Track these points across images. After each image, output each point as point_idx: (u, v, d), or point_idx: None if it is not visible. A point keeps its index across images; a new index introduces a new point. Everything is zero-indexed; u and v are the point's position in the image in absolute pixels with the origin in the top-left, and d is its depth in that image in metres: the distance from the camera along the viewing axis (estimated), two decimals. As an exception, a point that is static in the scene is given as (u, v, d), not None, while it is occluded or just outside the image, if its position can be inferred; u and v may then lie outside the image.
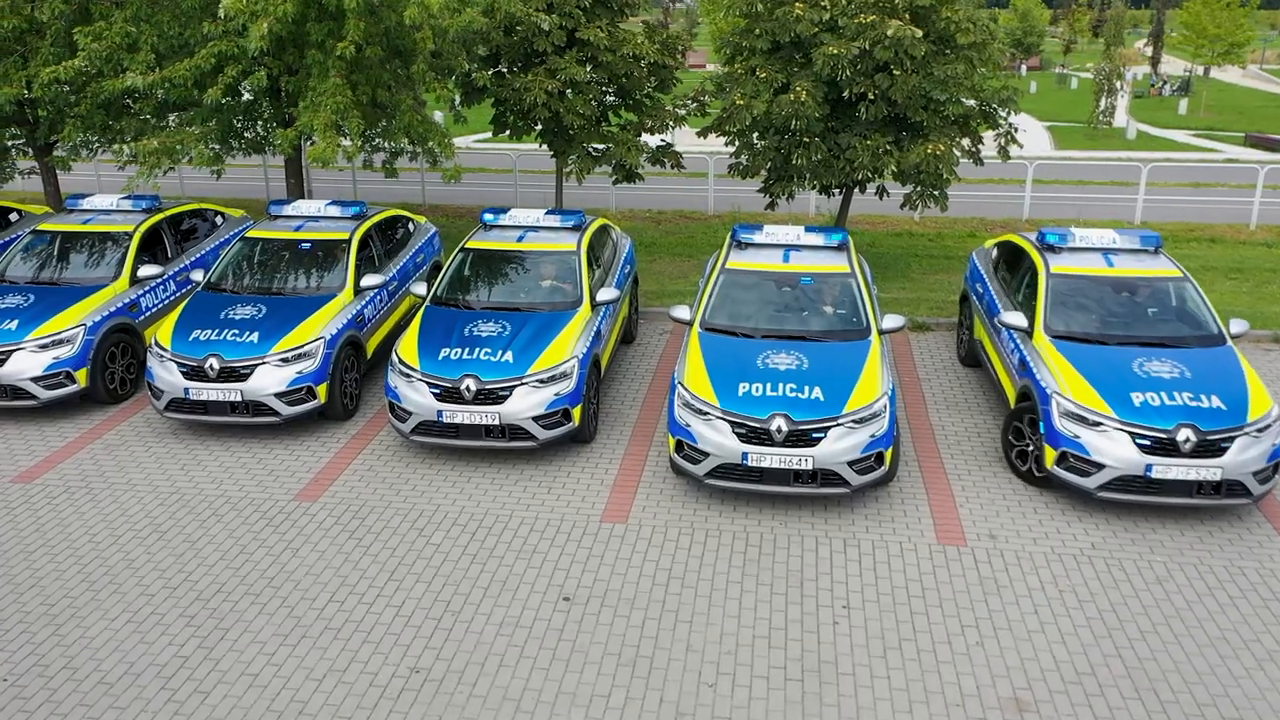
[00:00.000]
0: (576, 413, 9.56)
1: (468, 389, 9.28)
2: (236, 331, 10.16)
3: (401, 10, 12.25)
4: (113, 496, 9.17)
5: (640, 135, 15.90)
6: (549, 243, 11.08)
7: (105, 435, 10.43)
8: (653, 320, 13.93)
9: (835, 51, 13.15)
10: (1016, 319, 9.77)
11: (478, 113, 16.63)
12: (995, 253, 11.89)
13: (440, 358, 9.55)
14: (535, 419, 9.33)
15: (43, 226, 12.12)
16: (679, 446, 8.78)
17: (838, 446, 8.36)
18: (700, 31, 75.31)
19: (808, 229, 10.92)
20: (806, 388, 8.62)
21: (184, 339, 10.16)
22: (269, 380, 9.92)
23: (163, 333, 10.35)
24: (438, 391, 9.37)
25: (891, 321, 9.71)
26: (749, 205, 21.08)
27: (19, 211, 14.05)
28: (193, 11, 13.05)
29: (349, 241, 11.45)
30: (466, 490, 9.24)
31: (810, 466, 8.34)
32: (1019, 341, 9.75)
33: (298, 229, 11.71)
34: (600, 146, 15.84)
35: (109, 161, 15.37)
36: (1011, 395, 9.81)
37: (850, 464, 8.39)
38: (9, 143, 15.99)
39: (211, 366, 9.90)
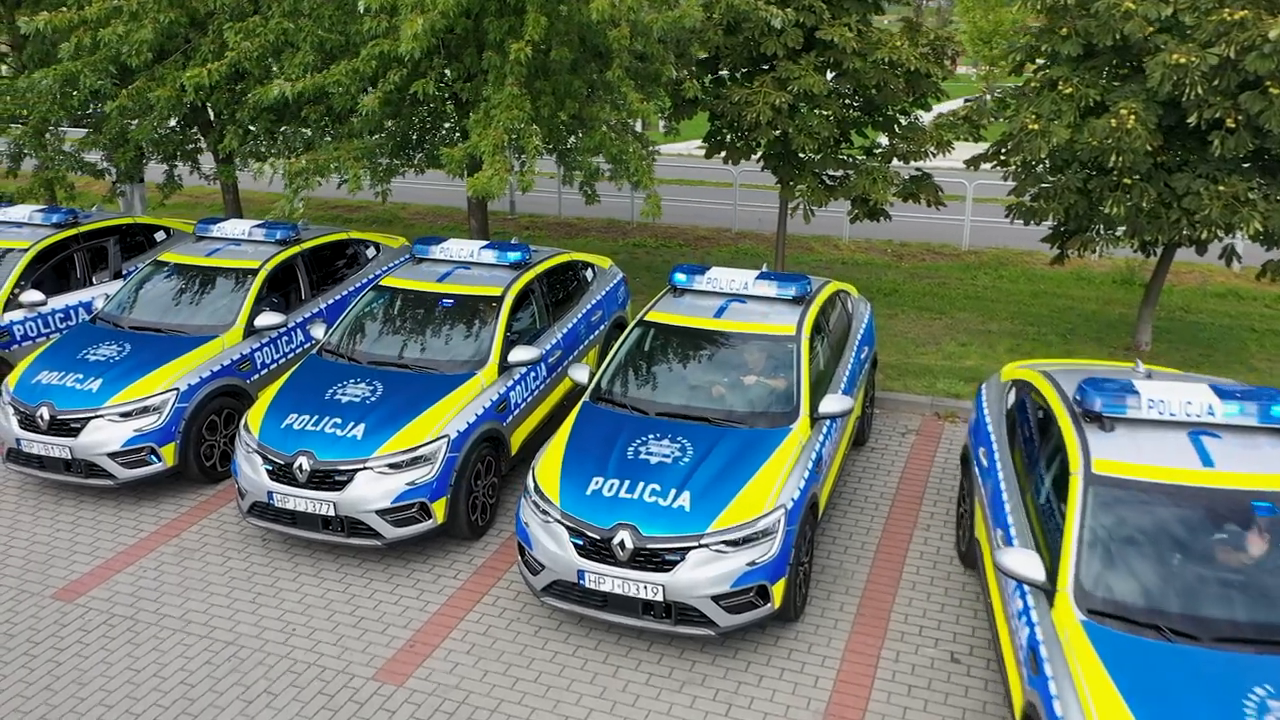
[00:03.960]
0: (777, 590, 6.50)
1: (621, 546, 6.42)
2: (339, 421, 7.75)
3: (590, 2, 9.53)
4: (156, 639, 6.94)
5: (890, 161, 12.53)
6: (759, 321, 8.02)
7: (184, 533, 8.32)
8: (892, 411, 10.59)
9: (1181, 61, 9.35)
10: None
11: (698, 119, 13.75)
12: None
13: (589, 491, 6.73)
14: (716, 599, 6.35)
15: (164, 257, 10.27)
16: None
17: None
18: (954, 31, 69.47)
19: (1221, 394, 5.98)
20: None
21: (276, 425, 7.86)
22: (370, 492, 7.45)
23: (255, 412, 8.12)
24: (582, 544, 6.56)
25: None
26: (1016, 241, 17.23)
27: (167, 230, 12.45)
28: (355, 2, 10.89)
29: (500, 300, 8.84)
30: (610, 692, 6.38)
31: None
32: None
33: (442, 279, 9.23)
34: (837, 174, 12.60)
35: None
36: None
37: None
38: (185, 147, 14.60)
39: (300, 468, 7.53)
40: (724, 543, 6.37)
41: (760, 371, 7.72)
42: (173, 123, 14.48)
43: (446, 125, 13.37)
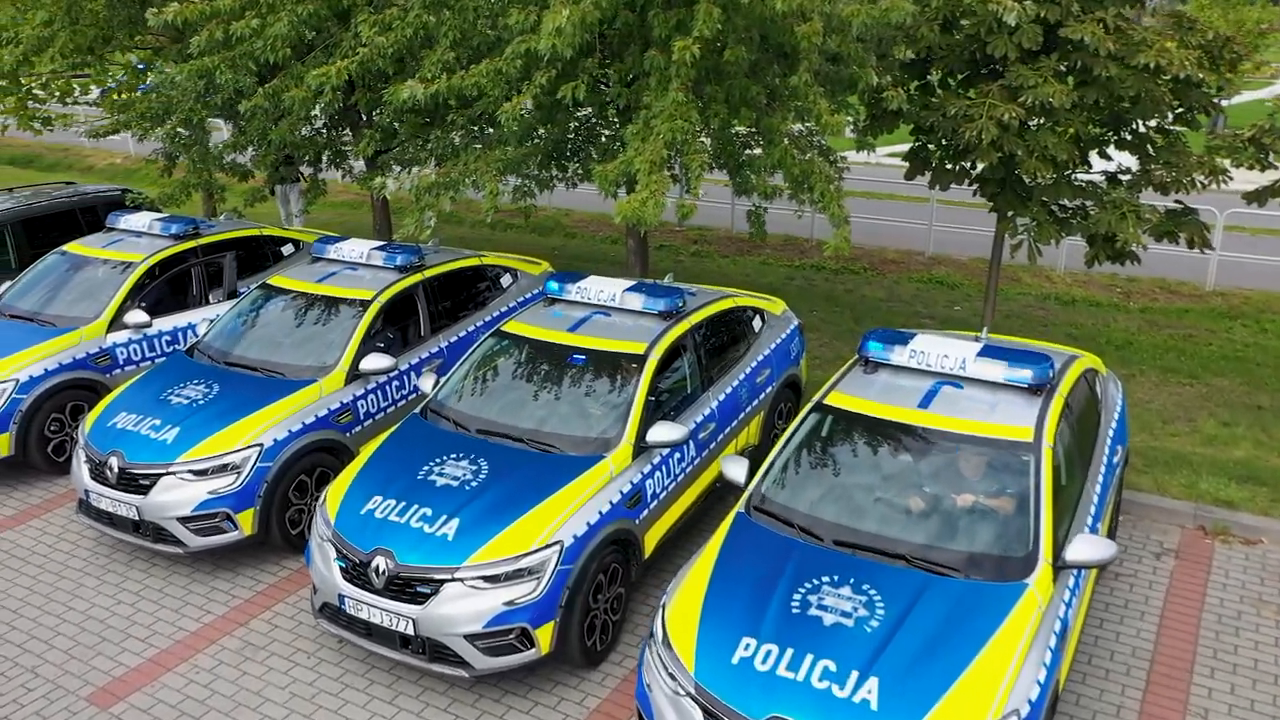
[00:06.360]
0: (1002, 839, 4.47)
1: (776, 753, 4.55)
2: (428, 512, 6.20)
3: (775, -10, 7.66)
4: (186, 780, 5.57)
5: (1141, 190, 10.06)
6: (982, 418, 5.92)
7: (254, 621, 6.98)
8: (1140, 518, 8.21)
9: None
10: None
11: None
12: None
13: (736, 658, 4.89)
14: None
15: (273, 280, 9.06)
16: None
17: None
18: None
19: None
20: None
21: (355, 508, 6.38)
22: (458, 610, 5.84)
23: (336, 488, 6.67)
24: (722, 739, 4.73)
25: None
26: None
27: (296, 243, 11.36)
28: (502, -8, 9.40)
29: (643, 360, 7.08)
30: None
31: None
32: None
33: (574, 328, 7.55)
34: (1070, 205, 10.22)
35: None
36: None
37: None
38: (330, 149, 13.56)
39: (378, 571, 6.02)
40: (926, 767, 4.41)
41: (981, 491, 5.66)
42: (320, 123, 13.54)
43: (606, 134, 11.79)
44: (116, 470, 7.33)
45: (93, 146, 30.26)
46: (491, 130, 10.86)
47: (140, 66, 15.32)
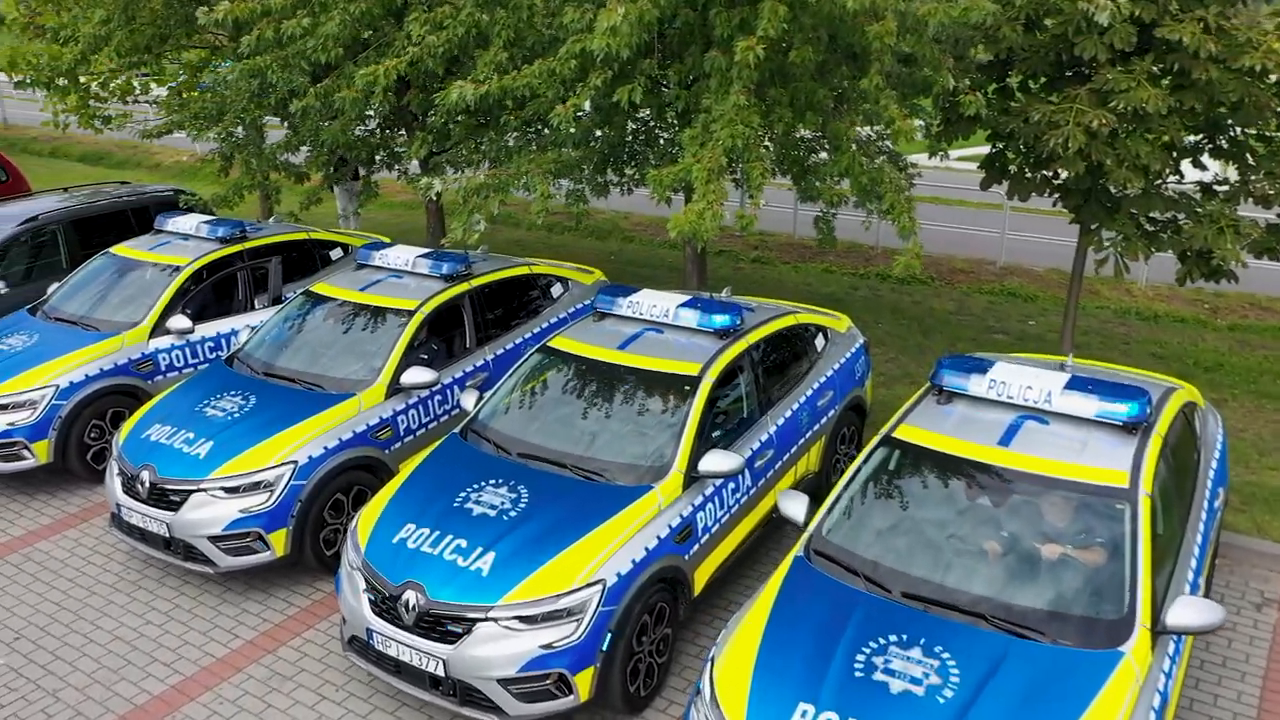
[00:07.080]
0: None
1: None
2: (463, 543, 5.80)
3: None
4: (201, 825, 5.24)
5: (1238, 202, 9.33)
6: (1071, 459, 5.34)
7: (282, 648, 6.65)
8: (1238, 562, 7.52)
9: None
10: None
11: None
12: None
13: (791, 726, 4.41)
14: None
15: (315, 288, 8.76)
16: None
17: None
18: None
19: None
20: None
21: (388, 536, 6.01)
22: (492, 653, 5.44)
23: (368, 513, 6.31)
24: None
25: None
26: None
27: (345, 247, 11.09)
28: (559, -10, 9.00)
29: (696, 382, 6.61)
30: None
31: None
32: None
33: (624, 345, 7.09)
34: (1161, 218, 9.53)
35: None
36: None
37: None
38: (382, 150, 13.30)
39: (408, 606, 5.64)
40: None
41: (1069, 542, 5.08)
42: (374, 124, 13.30)
43: (665, 137, 11.34)
44: (148, 485, 7.08)
45: (160, 144, 30.65)
46: (547, 132, 10.48)
47: (215, 65, 15.23)
